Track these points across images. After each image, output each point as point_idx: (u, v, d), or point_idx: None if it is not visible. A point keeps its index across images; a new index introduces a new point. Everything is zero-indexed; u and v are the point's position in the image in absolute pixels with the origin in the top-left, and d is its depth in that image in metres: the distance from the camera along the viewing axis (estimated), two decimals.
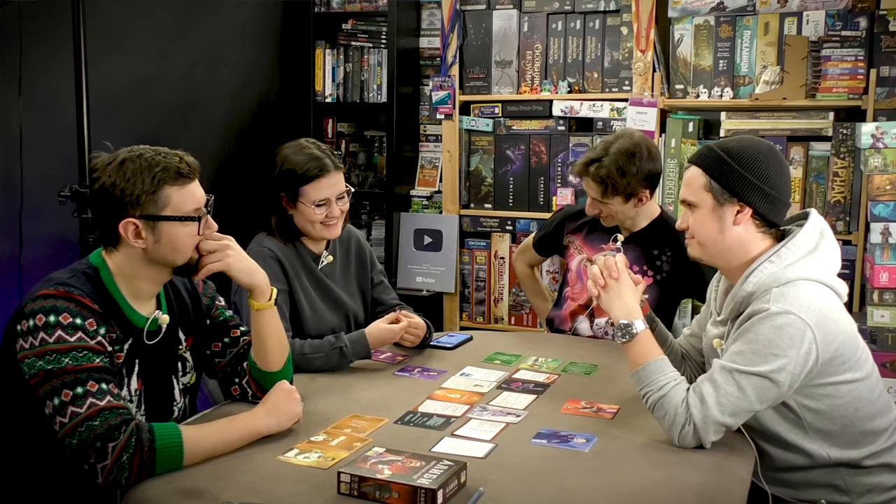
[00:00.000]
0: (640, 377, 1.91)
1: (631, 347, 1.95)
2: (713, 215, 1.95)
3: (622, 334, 1.95)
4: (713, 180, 1.93)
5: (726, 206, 1.93)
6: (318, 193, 2.42)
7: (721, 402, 1.80)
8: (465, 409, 2.06)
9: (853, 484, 1.92)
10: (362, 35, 4.25)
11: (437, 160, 4.34)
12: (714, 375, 1.84)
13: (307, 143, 2.49)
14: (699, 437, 1.81)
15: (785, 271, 1.88)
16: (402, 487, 1.54)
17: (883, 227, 3.14)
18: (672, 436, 1.83)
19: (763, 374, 1.79)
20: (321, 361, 2.34)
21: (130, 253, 1.82)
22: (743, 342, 1.84)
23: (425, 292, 4.23)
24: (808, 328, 1.80)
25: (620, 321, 1.96)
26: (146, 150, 1.83)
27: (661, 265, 2.76)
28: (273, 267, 2.41)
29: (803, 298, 1.83)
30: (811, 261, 1.90)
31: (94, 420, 1.64)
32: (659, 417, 1.86)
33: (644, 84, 3.81)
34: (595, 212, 2.78)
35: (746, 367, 1.81)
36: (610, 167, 2.65)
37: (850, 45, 3.49)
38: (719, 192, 1.93)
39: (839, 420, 1.90)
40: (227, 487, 1.61)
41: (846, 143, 3.53)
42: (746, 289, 1.90)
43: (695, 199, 1.97)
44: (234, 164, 3.78)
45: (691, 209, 1.99)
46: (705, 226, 1.96)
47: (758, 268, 1.90)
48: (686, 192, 1.99)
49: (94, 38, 2.42)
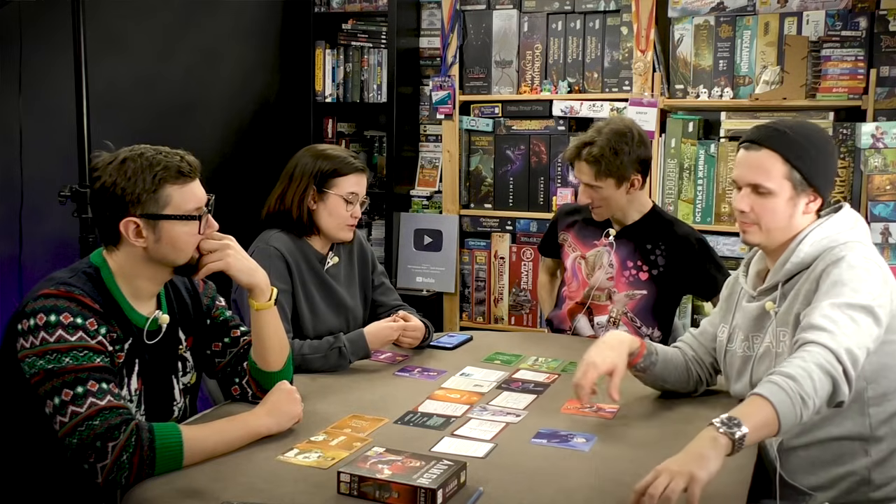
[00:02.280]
0: (787, 413, 1.60)
1: (753, 431, 1.56)
2: (789, 204, 1.92)
3: (737, 442, 1.55)
4: (796, 170, 1.89)
5: (802, 195, 1.91)
6: (351, 186, 2.50)
7: (845, 332, 1.71)
8: (465, 409, 2.06)
9: (879, 475, 1.89)
10: (362, 35, 4.25)
11: (437, 160, 4.34)
12: (824, 311, 1.74)
13: (340, 146, 2.64)
14: (847, 372, 1.67)
15: (838, 235, 1.90)
16: (402, 487, 1.54)
17: (883, 227, 3.15)
18: (840, 392, 1.66)
19: (867, 306, 1.77)
20: (320, 362, 2.34)
21: (131, 252, 1.82)
22: (829, 284, 1.80)
23: (425, 292, 4.23)
24: (881, 272, 1.84)
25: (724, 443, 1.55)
26: (147, 150, 1.83)
27: (654, 259, 2.76)
28: (279, 266, 2.41)
29: (868, 251, 1.87)
30: (856, 231, 1.93)
31: (95, 419, 1.64)
32: (823, 395, 1.64)
33: (644, 84, 3.81)
34: (587, 200, 2.76)
35: (852, 300, 1.76)
36: (603, 146, 2.67)
37: (850, 45, 3.49)
38: (800, 182, 1.90)
39: (890, 382, 1.89)
40: (227, 487, 1.61)
41: (846, 143, 3.53)
42: (803, 249, 1.90)
43: (773, 188, 1.90)
44: (234, 164, 3.78)
45: (761, 194, 1.91)
46: (778, 215, 1.92)
47: (811, 232, 1.90)
48: (759, 178, 1.90)
49: (94, 38, 2.41)
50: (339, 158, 2.52)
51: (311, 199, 2.49)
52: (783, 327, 1.92)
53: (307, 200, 2.49)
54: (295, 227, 2.50)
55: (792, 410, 1.60)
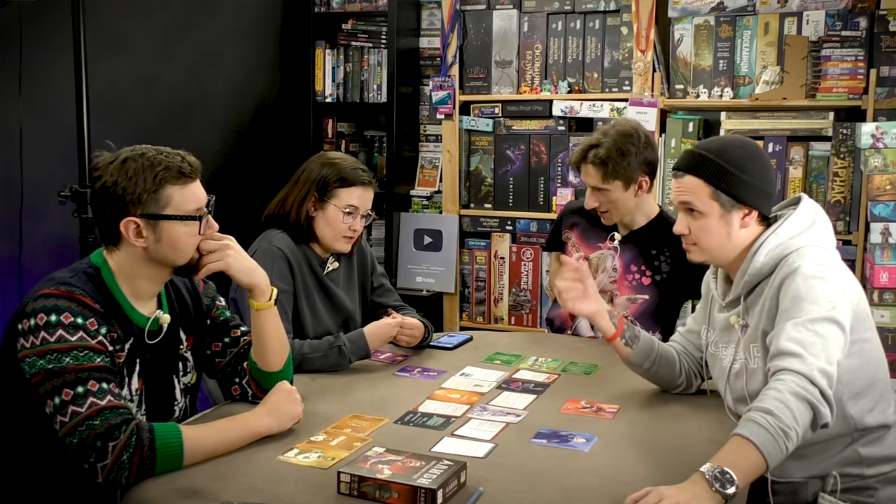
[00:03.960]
0: (771, 451, 1.62)
1: (742, 473, 1.58)
2: (721, 222, 1.95)
3: (729, 498, 1.57)
4: (720, 191, 1.93)
5: (733, 211, 1.94)
6: (351, 199, 2.48)
7: (813, 353, 1.73)
8: (465, 409, 2.06)
9: (868, 453, 1.93)
10: (362, 35, 4.25)
11: (437, 160, 4.34)
12: (789, 334, 1.76)
13: (353, 157, 2.63)
14: (824, 394, 1.68)
15: (791, 241, 1.92)
16: (402, 487, 1.54)
17: (883, 227, 3.15)
18: (821, 416, 1.67)
19: (829, 317, 1.78)
20: (320, 361, 2.34)
21: (131, 252, 1.82)
22: (790, 301, 1.82)
23: (425, 292, 4.24)
24: (837, 276, 1.85)
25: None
26: (148, 150, 1.83)
27: (659, 265, 2.75)
28: (281, 266, 2.41)
29: (821, 257, 1.88)
30: (812, 233, 1.94)
31: (95, 419, 1.64)
32: (804, 422, 1.66)
33: (644, 84, 3.81)
34: (595, 204, 2.74)
35: (813, 315, 1.78)
36: (609, 148, 2.65)
37: (850, 45, 3.49)
38: (727, 201, 1.93)
39: (866, 380, 1.92)
40: (227, 487, 1.61)
41: (846, 143, 3.53)
42: (759, 260, 1.92)
43: (702, 209, 1.95)
44: (234, 164, 3.78)
45: (693, 215, 1.98)
46: (713, 233, 1.96)
47: (764, 241, 1.92)
48: (688, 198, 1.97)
49: (94, 38, 2.41)
50: (345, 169, 2.49)
51: (311, 206, 2.48)
52: (753, 342, 1.95)
53: (307, 206, 2.48)
54: (293, 232, 2.50)
55: (776, 447, 1.62)
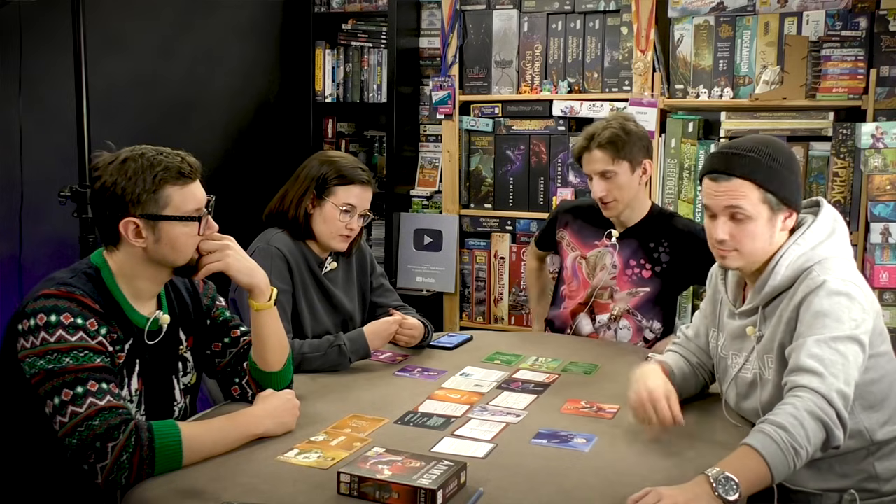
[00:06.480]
0: (779, 466, 1.61)
1: (746, 483, 1.58)
2: (768, 226, 1.90)
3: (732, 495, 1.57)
4: (770, 193, 1.87)
5: (778, 214, 1.90)
6: (349, 197, 2.48)
7: (833, 372, 1.71)
8: (465, 409, 2.06)
9: (884, 469, 1.91)
10: (362, 35, 4.25)
11: (437, 160, 4.34)
12: (811, 350, 1.74)
13: (353, 157, 2.63)
14: (840, 416, 1.67)
15: (813, 252, 1.89)
16: (402, 488, 1.54)
17: (883, 227, 3.15)
18: (834, 438, 1.67)
19: (852, 336, 1.77)
20: (320, 360, 2.34)
21: (131, 252, 1.82)
22: (812, 316, 1.80)
23: (425, 292, 4.23)
24: (861, 292, 1.84)
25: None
26: (148, 150, 1.83)
27: (658, 257, 2.77)
28: (280, 266, 2.42)
29: (844, 270, 1.86)
30: (833, 242, 1.92)
31: (94, 420, 1.64)
32: (816, 442, 1.66)
33: (644, 84, 3.81)
34: (602, 192, 2.71)
35: (836, 333, 1.76)
36: (614, 128, 2.69)
37: (850, 45, 3.49)
38: (776, 203, 1.88)
39: (880, 394, 1.91)
40: (227, 487, 1.61)
41: (846, 143, 3.53)
42: (780, 272, 1.89)
43: (752, 212, 1.87)
44: (234, 164, 3.78)
45: (737, 220, 1.88)
46: (758, 238, 1.89)
47: (786, 251, 1.89)
48: (738, 202, 1.86)
49: (94, 38, 2.41)
50: (344, 167, 2.50)
51: (309, 203, 2.49)
52: (769, 353, 1.92)
53: (305, 203, 2.49)
54: (292, 229, 2.50)
55: (784, 463, 1.61)
